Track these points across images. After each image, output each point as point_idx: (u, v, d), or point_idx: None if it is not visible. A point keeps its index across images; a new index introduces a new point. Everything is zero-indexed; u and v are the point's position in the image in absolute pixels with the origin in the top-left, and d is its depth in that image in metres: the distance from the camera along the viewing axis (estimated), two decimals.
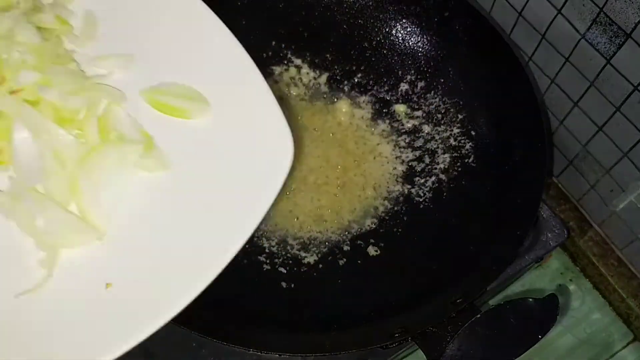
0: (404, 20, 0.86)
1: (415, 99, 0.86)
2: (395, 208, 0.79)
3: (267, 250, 0.76)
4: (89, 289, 0.43)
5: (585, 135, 0.77)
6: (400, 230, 0.78)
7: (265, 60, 0.87)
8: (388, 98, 0.86)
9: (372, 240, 0.77)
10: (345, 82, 0.87)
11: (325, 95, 0.86)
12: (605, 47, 0.67)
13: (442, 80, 0.84)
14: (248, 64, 0.50)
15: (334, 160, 0.82)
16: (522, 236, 0.68)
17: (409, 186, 0.81)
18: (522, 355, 0.61)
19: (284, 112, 0.47)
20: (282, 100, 0.86)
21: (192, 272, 0.43)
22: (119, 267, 0.44)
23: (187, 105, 0.49)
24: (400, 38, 0.86)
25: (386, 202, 0.79)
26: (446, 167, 0.81)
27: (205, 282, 0.43)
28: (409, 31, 0.86)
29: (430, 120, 0.84)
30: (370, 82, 0.87)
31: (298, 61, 0.88)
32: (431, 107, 0.85)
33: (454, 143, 0.82)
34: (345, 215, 0.78)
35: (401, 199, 0.80)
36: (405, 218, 0.79)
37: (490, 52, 0.79)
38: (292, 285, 0.73)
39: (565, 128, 0.81)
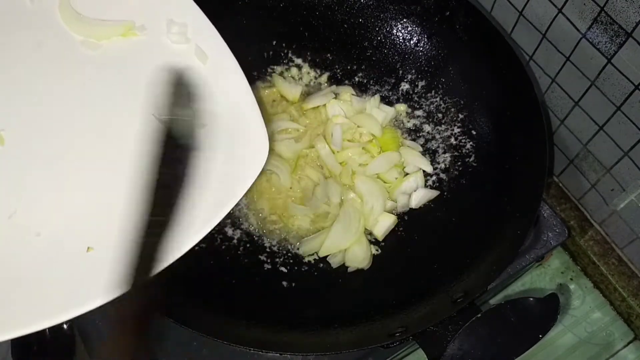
0: (404, 20, 0.86)
1: (416, 98, 0.86)
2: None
3: (268, 250, 0.76)
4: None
5: (586, 134, 0.77)
6: (400, 229, 0.78)
7: (266, 60, 0.87)
8: (389, 97, 0.86)
9: (372, 240, 0.77)
10: (346, 81, 0.87)
11: None
12: (606, 47, 0.67)
13: (442, 80, 0.84)
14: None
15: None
16: (522, 235, 0.68)
17: None
18: (522, 355, 0.61)
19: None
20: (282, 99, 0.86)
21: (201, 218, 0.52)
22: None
23: None
24: (401, 37, 0.86)
25: (387, 202, 0.79)
26: (447, 166, 0.81)
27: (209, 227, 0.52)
28: (410, 31, 0.86)
29: (430, 120, 0.84)
30: (371, 81, 0.87)
31: (299, 60, 0.88)
32: (432, 106, 0.85)
33: (454, 142, 0.82)
34: None
35: None
36: (405, 217, 0.79)
37: (491, 52, 0.79)
38: (293, 285, 0.74)
39: (565, 127, 0.81)
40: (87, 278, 0.48)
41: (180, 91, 0.55)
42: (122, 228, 0.50)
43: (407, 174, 0.81)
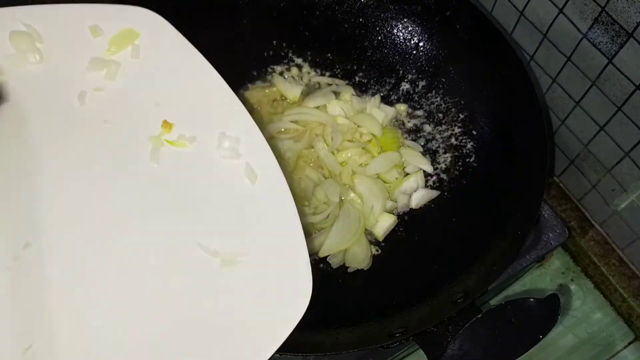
0: (405, 20, 0.85)
1: (416, 98, 0.86)
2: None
3: None
4: None
5: (587, 134, 0.77)
6: (400, 229, 0.78)
7: (267, 60, 0.87)
8: (389, 97, 0.86)
9: (372, 240, 0.77)
10: (347, 81, 0.87)
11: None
12: (607, 47, 0.67)
13: (443, 80, 0.84)
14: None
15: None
16: (523, 236, 0.68)
17: None
18: (523, 355, 0.60)
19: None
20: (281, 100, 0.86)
21: None
22: None
23: None
24: (401, 37, 0.86)
25: (387, 202, 0.79)
26: (447, 166, 0.81)
27: None
28: (410, 30, 0.85)
29: (431, 120, 0.84)
30: (372, 81, 0.87)
31: (299, 60, 0.88)
32: (432, 106, 0.85)
33: (455, 143, 0.82)
34: None
35: None
36: (406, 217, 0.79)
37: (491, 52, 0.79)
38: None
39: (566, 127, 0.81)
40: None
41: None
42: None
43: (407, 174, 0.81)
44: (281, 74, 0.87)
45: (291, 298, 0.50)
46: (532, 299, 0.63)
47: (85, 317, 0.48)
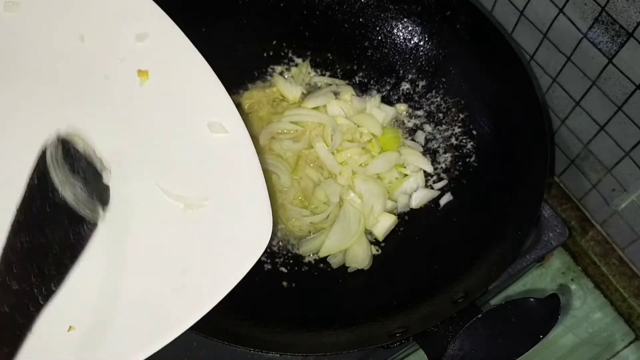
0: (405, 20, 0.85)
1: (416, 98, 0.86)
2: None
3: (268, 250, 0.76)
4: None
5: (587, 134, 0.77)
6: (401, 229, 0.78)
7: (266, 60, 0.87)
8: (389, 97, 0.86)
9: (372, 240, 0.77)
10: (347, 81, 0.87)
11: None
12: (607, 46, 0.67)
13: (443, 80, 0.84)
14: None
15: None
16: (523, 236, 0.68)
17: None
18: (523, 355, 0.60)
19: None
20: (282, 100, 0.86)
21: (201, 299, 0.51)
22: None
23: None
24: (401, 37, 0.86)
25: (387, 202, 0.79)
26: (447, 166, 0.81)
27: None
28: (410, 30, 0.85)
29: (431, 120, 0.84)
30: (372, 81, 0.87)
31: (299, 60, 0.88)
32: (432, 106, 0.85)
33: (455, 142, 0.82)
34: None
35: None
36: (406, 217, 0.79)
37: (491, 51, 0.79)
38: (293, 285, 0.73)
39: (566, 127, 0.81)
40: None
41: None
42: (101, 306, 0.49)
43: (406, 174, 0.81)
44: (281, 74, 0.87)
45: (253, 236, 0.53)
46: (532, 299, 0.63)
47: None
